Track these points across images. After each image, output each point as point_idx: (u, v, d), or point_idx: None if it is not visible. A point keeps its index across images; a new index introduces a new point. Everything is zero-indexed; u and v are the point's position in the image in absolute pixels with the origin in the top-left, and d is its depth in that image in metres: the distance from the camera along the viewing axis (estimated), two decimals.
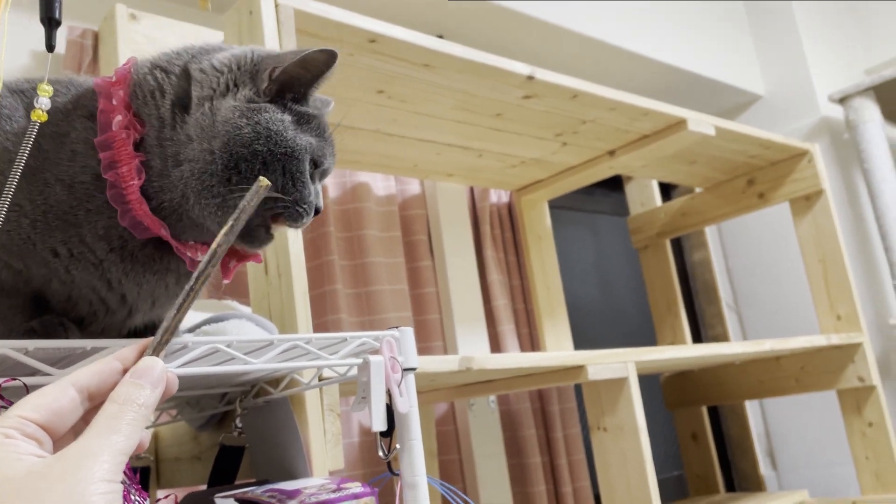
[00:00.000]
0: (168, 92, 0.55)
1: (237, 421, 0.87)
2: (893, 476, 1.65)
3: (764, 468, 2.26)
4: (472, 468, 1.58)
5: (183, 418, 0.99)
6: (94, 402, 0.40)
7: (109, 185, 0.52)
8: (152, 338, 0.43)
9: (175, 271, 0.58)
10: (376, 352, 0.68)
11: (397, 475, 0.69)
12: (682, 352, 1.31)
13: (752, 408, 2.31)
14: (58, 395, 0.39)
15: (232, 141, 0.53)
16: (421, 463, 0.67)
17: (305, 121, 0.57)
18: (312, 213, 0.57)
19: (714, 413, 2.31)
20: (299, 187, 0.55)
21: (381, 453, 0.66)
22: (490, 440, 1.62)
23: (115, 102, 0.54)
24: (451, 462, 1.59)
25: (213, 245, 0.44)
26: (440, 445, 1.59)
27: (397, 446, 0.66)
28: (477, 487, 1.57)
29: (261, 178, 0.46)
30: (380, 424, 0.64)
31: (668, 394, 2.05)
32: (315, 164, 0.57)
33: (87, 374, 0.40)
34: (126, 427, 0.37)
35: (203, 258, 0.44)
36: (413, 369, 0.67)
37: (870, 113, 2.05)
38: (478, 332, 1.68)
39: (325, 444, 0.84)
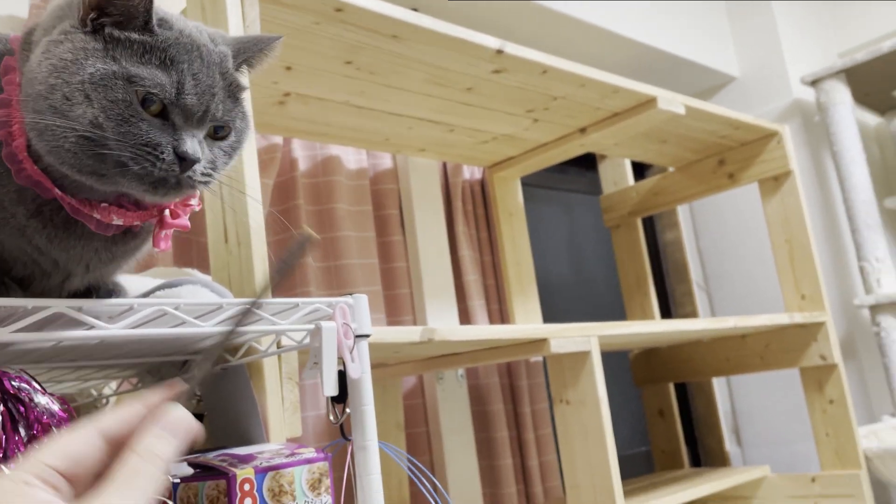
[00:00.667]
0: (25, 41, 0.53)
1: (196, 390, 0.88)
2: (852, 453, 1.69)
3: (729, 444, 2.31)
4: (440, 441, 1.60)
5: (144, 386, 0.99)
6: (119, 448, 0.39)
7: (3, 144, 0.51)
8: (180, 385, 0.42)
9: (100, 235, 0.56)
10: (330, 318, 0.68)
11: (350, 440, 0.70)
12: (645, 327, 1.32)
13: (719, 386, 2.36)
14: (83, 442, 0.38)
15: (34, 80, 0.49)
16: (372, 428, 0.67)
17: (128, 46, 0.50)
18: (156, 157, 0.50)
19: (682, 391, 2.35)
20: (116, 122, 0.49)
21: (331, 418, 0.67)
22: (458, 414, 1.64)
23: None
24: (418, 435, 1.60)
25: (248, 303, 0.42)
26: (408, 419, 1.61)
27: (348, 410, 0.66)
28: (444, 460, 1.59)
29: (303, 226, 0.44)
30: (331, 389, 0.64)
31: (636, 371, 2.08)
32: (154, 100, 0.51)
33: (114, 421, 0.39)
34: (144, 482, 0.37)
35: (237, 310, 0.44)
36: (366, 336, 0.68)
37: (840, 95, 2.07)
38: (448, 306, 1.69)
39: (283, 412, 0.84)
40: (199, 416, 0.90)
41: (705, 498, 1.90)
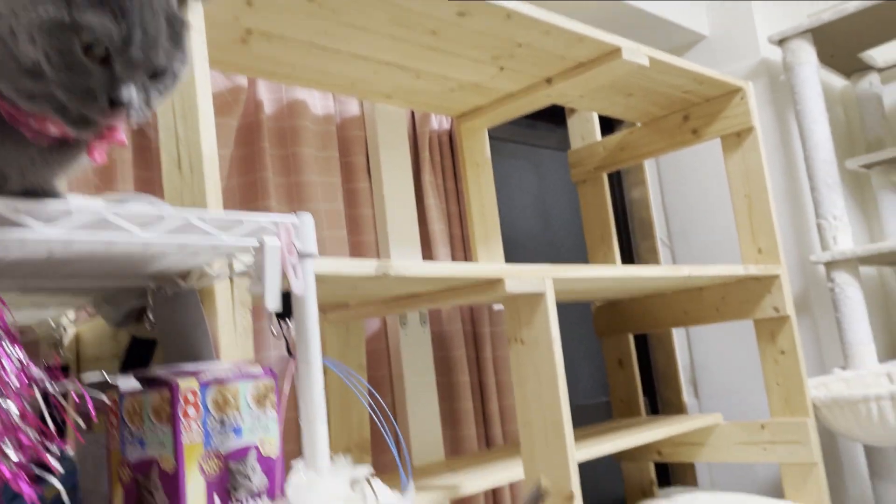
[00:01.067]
0: None
1: (149, 314, 0.89)
2: (800, 401, 1.76)
3: (687, 396, 2.38)
4: (402, 384, 1.63)
5: (100, 315, 1.00)
6: None
7: None
8: None
9: (35, 143, 0.56)
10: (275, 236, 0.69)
11: (294, 357, 0.72)
12: (599, 271, 1.35)
13: (678, 340, 2.42)
14: None
15: None
16: (316, 344, 0.69)
17: None
18: (90, 103, 0.52)
19: (643, 345, 2.41)
20: (56, 69, 0.50)
21: (273, 331, 0.69)
22: (420, 358, 1.67)
23: None
24: (380, 377, 1.64)
25: None
26: (370, 362, 1.64)
27: (291, 325, 0.68)
28: (405, 402, 1.62)
29: (541, 477, 0.43)
30: (273, 304, 0.66)
31: (598, 322, 2.13)
32: (97, 47, 0.51)
33: None
34: None
35: None
36: (311, 255, 0.70)
37: (806, 55, 2.10)
38: (413, 254, 1.71)
39: (236, 337, 0.86)
40: (151, 343, 0.92)
41: (660, 444, 1.96)
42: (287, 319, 0.71)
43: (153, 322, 0.89)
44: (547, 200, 2.37)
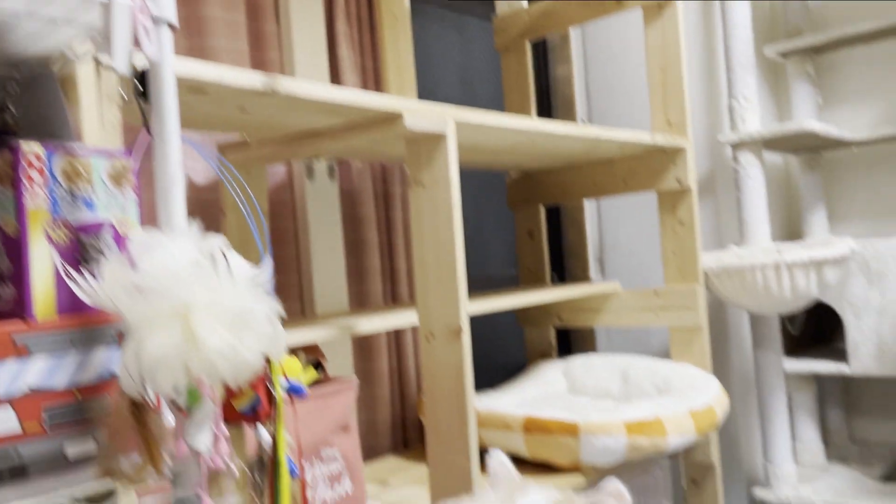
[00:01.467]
0: None
1: (9, 105, 0.84)
2: (692, 269, 1.84)
3: (593, 272, 2.46)
4: (307, 237, 1.62)
5: None
6: None
7: None
8: None
9: None
10: None
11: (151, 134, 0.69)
12: (502, 120, 1.35)
13: (590, 218, 2.48)
14: None
15: None
16: (173, 119, 0.66)
17: None
18: None
19: (556, 221, 2.46)
20: None
21: (123, 97, 0.66)
22: (327, 213, 1.66)
23: None
24: (284, 229, 1.62)
25: None
26: (274, 212, 1.61)
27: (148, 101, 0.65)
28: (310, 255, 1.62)
29: None
30: (122, 66, 0.63)
31: (511, 193, 2.15)
32: None
33: None
34: None
35: None
36: (166, 21, 0.66)
37: None
38: None
39: (103, 132, 0.82)
40: (13, 135, 0.87)
41: (560, 310, 2.04)
42: (146, 97, 0.68)
43: (14, 114, 0.84)
44: (470, 70, 2.33)
